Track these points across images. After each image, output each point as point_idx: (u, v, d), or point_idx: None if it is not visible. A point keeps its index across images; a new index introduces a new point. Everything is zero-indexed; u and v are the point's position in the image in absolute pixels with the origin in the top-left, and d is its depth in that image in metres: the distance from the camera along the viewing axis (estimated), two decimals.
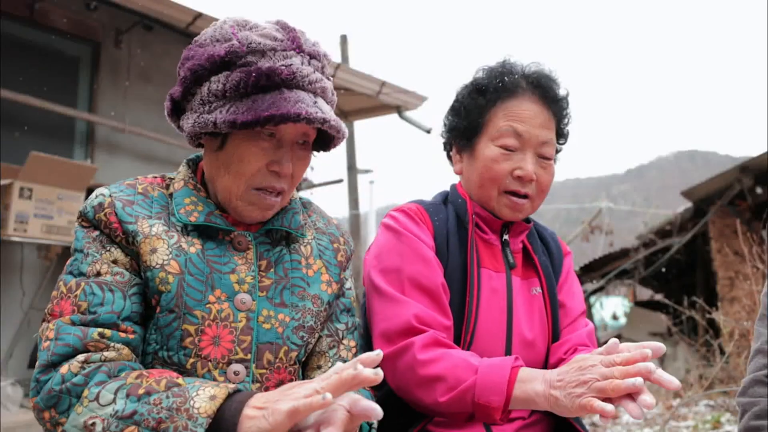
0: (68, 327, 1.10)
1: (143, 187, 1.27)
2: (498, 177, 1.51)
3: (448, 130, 1.64)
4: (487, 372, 1.32)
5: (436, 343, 1.38)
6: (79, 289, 1.14)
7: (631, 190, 66.47)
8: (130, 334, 1.14)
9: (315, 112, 1.16)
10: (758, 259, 4.60)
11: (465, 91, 1.60)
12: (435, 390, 1.34)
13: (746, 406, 1.50)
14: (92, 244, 1.19)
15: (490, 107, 1.54)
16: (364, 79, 6.67)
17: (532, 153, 1.51)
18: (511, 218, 1.55)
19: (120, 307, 1.14)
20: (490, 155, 1.52)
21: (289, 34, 1.22)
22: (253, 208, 1.25)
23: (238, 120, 1.14)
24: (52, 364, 1.08)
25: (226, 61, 1.17)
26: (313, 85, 1.20)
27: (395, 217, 1.55)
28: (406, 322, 1.39)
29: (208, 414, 0.96)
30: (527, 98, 1.53)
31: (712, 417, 4.84)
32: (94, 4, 5.49)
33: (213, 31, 1.23)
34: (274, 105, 1.14)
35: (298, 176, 1.27)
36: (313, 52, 1.23)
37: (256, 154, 1.21)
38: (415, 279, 1.45)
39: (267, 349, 1.22)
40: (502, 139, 1.51)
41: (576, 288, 1.69)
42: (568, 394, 1.21)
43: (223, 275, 1.22)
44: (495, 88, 1.54)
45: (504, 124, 1.51)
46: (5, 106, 4.90)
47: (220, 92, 1.17)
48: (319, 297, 1.31)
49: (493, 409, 1.29)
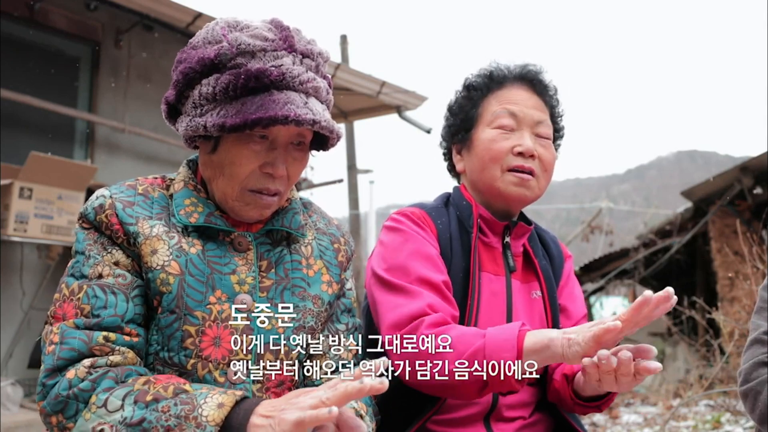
0: (73, 331, 1.11)
1: (143, 188, 1.27)
2: (499, 155, 1.52)
3: (446, 132, 1.66)
4: (496, 332, 1.30)
5: (443, 322, 1.37)
6: (82, 292, 1.14)
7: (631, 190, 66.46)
8: (134, 337, 1.15)
9: (305, 113, 1.15)
10: (758, 259, 4.60)
11: (459, 92, 1.66)
12: (445, 358, 1.30)
13: (759, 386, 1.45)
14: (93, 246, 1.19)
15: (482, 98, 1.60)
16: (364, 79, 6.67)
17: (529, 132, 1.54)
18: (518, 196, 1.53)
19: (123, 309, 1.15)
20: (488, 137, 1.54)
21: (281, 33, 1.21)
22: (249, 208, 1.24)
23: (227, 123, 1.14)
24: (58, 368, 1.08)
25: (215, 63, 1.17)
26: (304, 85, 1.18)
27: (398, 219, 1.54)
28: (420, 309, 1.37)
29: (216, 422, 0.98)
30: (517, 86, 1.59)
31: (712, 417, 4.84)
32: (94, 4, 5.48)
33: (205, 32, 1.22)
34: (263, 107, 1.13)
35: (294, 177, 1.27)
36: (306, 50, 1.22)
37: (248, 157, 1.20)
38: (422, 275, 1.43)
39: (267, 350, 1.22)
40: (498, 120, 1.55)
41: (577, 291, 1.68)
42: (581, 332, 1.21)
43: (224, 276, 1.22)
44: (484, 82, 1.60)
45: (498, 107, 1.56)
46: (5, 106, 4.90)
47: (210, 95, 1.17)
48: (320, 297, 1.31)
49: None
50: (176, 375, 1.18)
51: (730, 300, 7.26)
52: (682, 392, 5.81)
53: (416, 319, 1.37)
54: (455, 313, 1.44)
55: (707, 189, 8.00)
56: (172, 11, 5.16)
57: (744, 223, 7.44)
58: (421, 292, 1.41)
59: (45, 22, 5.40)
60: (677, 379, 6.91)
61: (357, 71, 6.67)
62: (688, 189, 8.30)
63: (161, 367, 1.18)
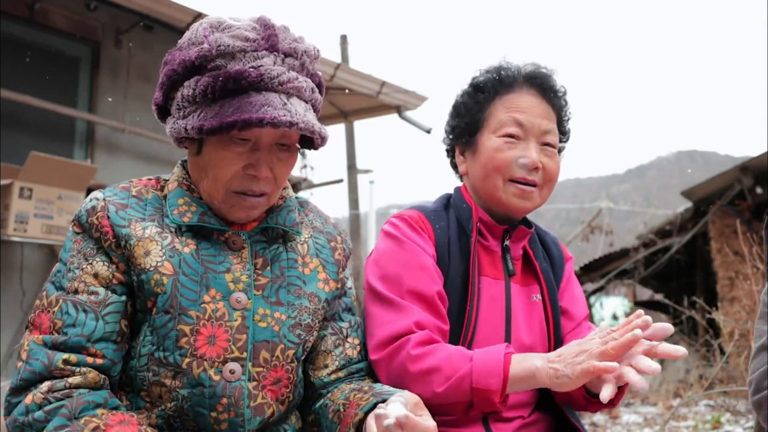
0: (38, 351, 1.13)
1: (137, 190, 1.26)
2: (502, 165, 1.49)
3: (450, 132, 1.63)
4: (482, 357, 1.33)
5: (429, 340, 1.38)
6: (57, 306, 1.16)
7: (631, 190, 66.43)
8: (98, 358, 1.15)
9: (282, 115, 1.13)
10: (758, 259, 4.59)
11: (463, 92, 1.61)
12: (431, 381, 1.34)
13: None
14: (75, 257, 1.19)
15: (490, 102, 1.55)
16: (364, 79, 6.67)
17: (536, 142, 1.51)
18: (519, 207, 1.52)
19: (91, 329, 1.15)
20: (493, 145, 1.51)
21: (265, 32, 1.19)
22: (234, 209, 1.24)
23: (205, 126, 1.13)
24: (19, 388, 1.12)
25: (196, 65, 1.17)
26: (284, 85, 1.17)
27: (396, 224, 1.53)
28: (406, 328, 1.39)
29: None
30: (525, 91, 1.54)
31: (712, 417, 4.84)
32: (94, 4, 5.49)
33: (190, 33, 1.22)
34: (239, 110, 1.12)
35: (281, 178, 1.25)
36: (289, 49, 1.20)
37: (230, 159, 1.19)
38: (414, 287, 1.44)
39: (263, 348, 1.22)
40: (504, 129, 1.51)
41: (578, 293, 1.68)
42: (569, 364, 1.24)
43: (218, 275, 1.21)
44: (493, 84, 1.55)
45: (505, 115, 1.51)
46: (5, 106, 4.90)
47: (191, 97, 1.17)
48: (316, 295, 1.30)
49: (492, 392, 1.29)
50: (171, 375, 1.18)
51: (730, 300, 7.26)
52: (682, 392, 5.81)
53: (402, 337, 1.38)
54: (444, 327, 1.44)
55: (707, 189, 8.00)
56: (172, 11, 5.17)
57: (744, 223, 7.43)
58: (410, 308, 1.41)
59: (45, 22, 5.41)
60: (677, 379, 6.91)
61: (357, 71, 6.67)
62: (688, 189, 8.30)
63: (156, 367, 1.18)
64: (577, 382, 1.23)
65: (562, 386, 1.26)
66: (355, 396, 1.24)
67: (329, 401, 1.30)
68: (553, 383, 1.26)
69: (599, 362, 1.20)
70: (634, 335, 1.18)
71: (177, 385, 1.18)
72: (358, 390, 1.26)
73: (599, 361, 1.20)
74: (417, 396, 1.13)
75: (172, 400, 1.19)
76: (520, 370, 1.29)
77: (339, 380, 1.35)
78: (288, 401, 1.28)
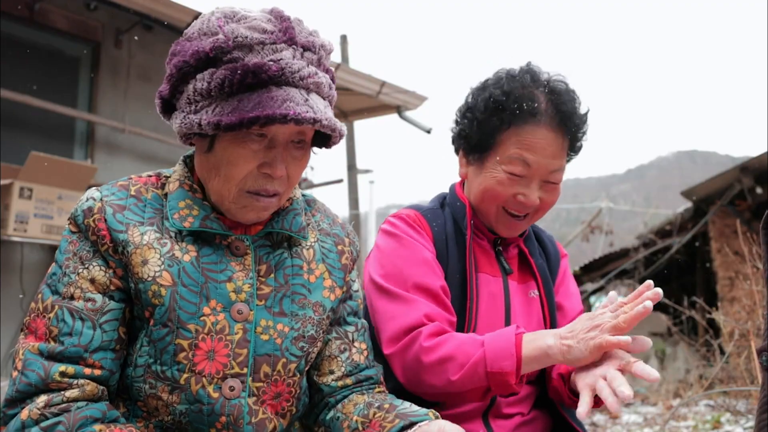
0: (33, 361, 1.09)
1: (136, 189, 1.20)
2: (500, 198, 1.50)
3: (459, 133, 1.59)
4: (494, 340, 1.33)
5: (440, 331, 1.39)
6: (53, 312, 1.12)
7: (631, 190, 66.48)
8: (96, 369, 1.11)
9: (305, 111, 1.07)
10: (758, 259, 4.59)
11: (481, 100, 1.52)
12: (446, 370, 1.35)
13: None
14: (71, 260, 1.14)
15: (504, 129, 1.48)
16: (364, 79, 6.68)
17: (539, 181, 1.48)
18: (506, 235, 1.56)
19: (88, 338, 1.10)
20: (497, 177, 1.48)
21: (282, 24, 1.12)
22: (246, 210, 1.17)
23: (223, 122, 1.06)
24: (15, 400, 1.08)
25: (211, 57, 1.08)
26: (305, 80, 1.10)
27: (394, 223, 1.54)
28: (417, 320, 1.39)
29: None
30: (543, 126, 1.46)
31: (712, 417, 4.84)
32: (94, 4, 5.49)
33: (201, 23, 1.14)
34: (260, 105, 1.06)
35: (294, 177, 1.19)
36: (307, 43, 1.13)
37: (246, 157, 1.12)
38: (418, 282, 1.45)
39: (264, 362, 1.17)
40: (511, 166, 1.47)
41: (573, 289, 1.70)
42: (581, 340, 1.25)
43: (219, 284, 1.16)
44: (512, 111, 1.47)
45: (515, 151, 1.46)
46: (5, 106, 4.90)
47: (205, 91, 1.09)
48: (321, 304, 1.25)
49: (507, 374, 1.30)
50: (168, 389, 1.14)
51: (730, 300, 7.26)
52: (682, 392, 5.81)
53: (414, 330, 1.39)
54: (452, 319, 1.45)
55: (707, 189, 8.00)
56: (172, 11, 5.16)
57: (744, 223, 7.44)
58: (417, 301, 1.42)
59: (45, 22, 5.41)
60: (677, 379, 6.92)
61: (357, 71, 6.68)
62: (688, 189, 8.31)
63: (153, 380, 1.14)
64: (590, 357, 1.24)
65: (575, 362, 1.26)
66: (375, 415, 1.19)
67: (341, 414, 1.25)
68: (567, 360, 1.27)
69: (612, 337, 1.21)
70: (644, 307, 1.19)
71: (174, 401, 1.14)
72: (378, 408, 1.21)
73: (612, 335, 1.21)
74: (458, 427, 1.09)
75: (169, 414, 1.15)
76: (533, 348, 1.30)
77: (347, 388, 1.30)
78: (290, 414, 1.24)
